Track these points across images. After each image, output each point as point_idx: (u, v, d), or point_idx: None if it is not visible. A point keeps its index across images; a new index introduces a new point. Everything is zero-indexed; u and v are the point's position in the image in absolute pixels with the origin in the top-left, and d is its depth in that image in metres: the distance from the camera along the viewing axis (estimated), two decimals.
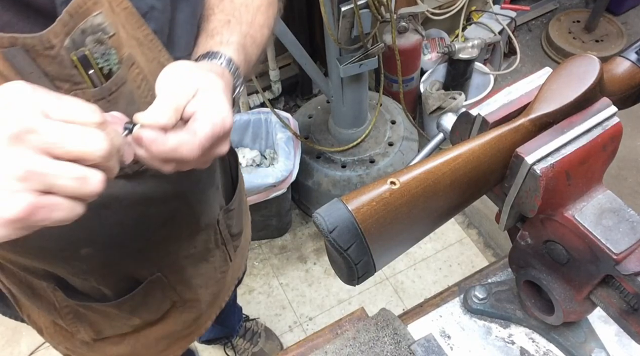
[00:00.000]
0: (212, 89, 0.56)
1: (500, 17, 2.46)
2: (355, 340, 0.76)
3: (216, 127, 0.53)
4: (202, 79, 0.56)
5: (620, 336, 0.76)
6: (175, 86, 0.54)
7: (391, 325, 0.77)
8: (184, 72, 0.56)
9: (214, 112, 0.54)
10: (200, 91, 0.54)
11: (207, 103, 0.54)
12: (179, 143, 0.51)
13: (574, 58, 0.59)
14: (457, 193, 0.52)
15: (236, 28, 0.69)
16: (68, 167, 0.40)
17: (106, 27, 0.55)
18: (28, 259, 0.75)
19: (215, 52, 0.64)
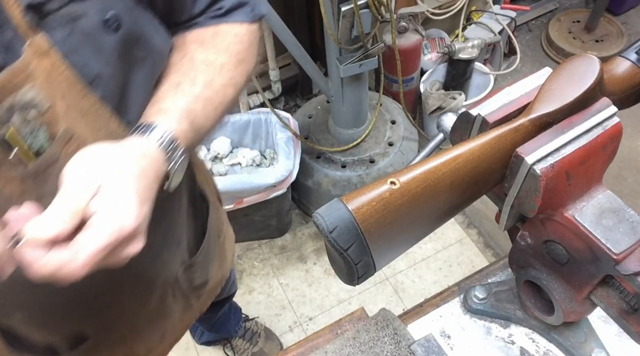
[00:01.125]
0: (118, 183, 0.51)
1: (500, 17, 2.46)
2: (355, 340, 0.76)
3: (111, 236, 0.48)
4: (109, 171, 0.51)
5: (620, 336, 0.76)
6: (77, 182, 0.50)
7: (391, 325, 0.77)
8: (91, 162, 0.52)
9: (112, 217, 0.49)
10: (104, 187, 0.50)
11: (107, 204, 0.49)
12: (60, 265, 0.46)
13: (574, 58, 0.59)
14: (457, 193, 0.52)
15: (186, 91, 0.64)
16: None
17: (39, 102, 0.52)
18: None
19: (147, 125, 0.59)
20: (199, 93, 0.65)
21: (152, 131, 0.58)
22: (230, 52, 0.70)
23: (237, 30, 0.72)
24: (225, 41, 0.70)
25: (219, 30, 0.71)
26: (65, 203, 0.48)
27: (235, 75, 0.70)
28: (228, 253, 1.09)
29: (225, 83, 0.69)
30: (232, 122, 1.93)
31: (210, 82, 0.67)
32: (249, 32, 0.73)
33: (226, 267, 1.09)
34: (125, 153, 0.54)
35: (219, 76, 0.68)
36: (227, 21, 0.71)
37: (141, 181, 0.53)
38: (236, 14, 0.72)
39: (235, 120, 1.93)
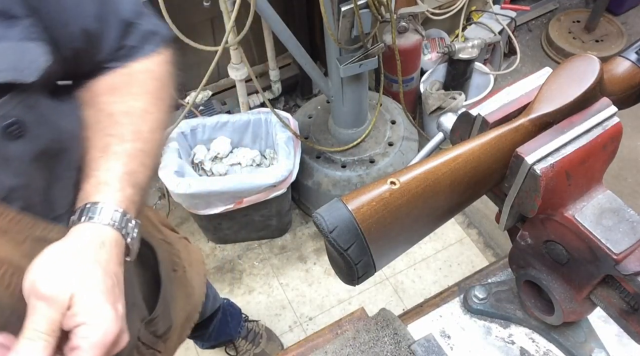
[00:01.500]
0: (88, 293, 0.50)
1: (500, 17, 2.46)
2: (355, 340, 0.76)
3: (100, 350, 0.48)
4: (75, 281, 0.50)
5: (620, 336, 0.76)
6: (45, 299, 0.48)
7: (391, 325, 0.77)
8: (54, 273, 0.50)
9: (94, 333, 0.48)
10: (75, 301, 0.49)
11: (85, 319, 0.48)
12: None
13: (574, 58, 0.59)
14: (457, 193, 0.52)
15: (118, 153, 0.60)
16: None
17: None
18: None
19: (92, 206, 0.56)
20: (131, 150, 0.61)
21: (100, 213, 0.56)
22: (147, 93, 0.66)
23: (148, 66, 0.67)
24: (138, 83, 0.66)
25: (129, 71, 0.66)
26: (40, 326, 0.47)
27: (158, 116, 0.66)
28: (195, 280, 1.04)
29: (151, 128, 0.65)
30: (232, 122, 1.93)
31: (137, 133, 0.63)
32: (161, 62, 0.69)
33: (195, 297, 1.05)
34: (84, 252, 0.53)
35: (143, 124, 0.64)
36: (136, 58, 0.67)
37: (107, 280, 0.52)
38: (144, 48, 0.67)
39: (235, 120, 1.93)
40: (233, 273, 2.08)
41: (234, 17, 1.53)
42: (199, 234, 2.17)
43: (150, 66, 0.67)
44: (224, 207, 1.79)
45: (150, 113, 0.65)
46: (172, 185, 1.66)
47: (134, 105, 0.64)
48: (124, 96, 0.64)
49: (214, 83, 2.32)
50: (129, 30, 0.65)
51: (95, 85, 0.65)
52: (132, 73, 0.66)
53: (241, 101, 2.08)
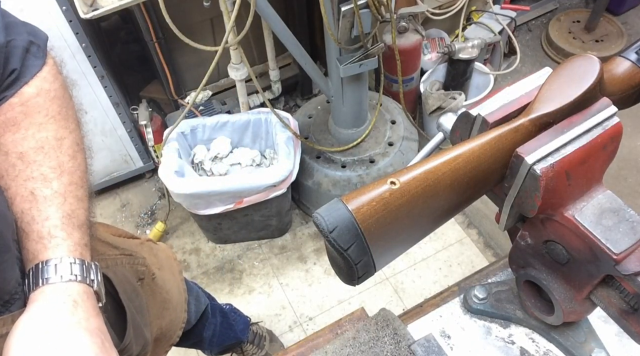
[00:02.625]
0: None
1: (500, 17, 2.46)
2: (355, 340, 0.76)
3: None
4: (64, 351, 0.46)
5: (620, 336, 0.76)
6: None
7: (391, 325, 0.77)
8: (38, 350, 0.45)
9: None
10: None
11: None
12: None
13: (574, 58, 0.59)
14: (457, 193, 0.52)
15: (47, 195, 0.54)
16: None
17: None
18: None
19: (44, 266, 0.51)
20: (59, 188, 0.56)
21: (56, 271, 0.51)
22: (52, 117, 0.59)
23: (41, 86, 0.60)
24: (38, 109, 0.59)
25: (23, 100, 0.58)
26: None
27: (72, 138, 0.60)
28: (170, 282, 0.98)
29: (71, 155, 0.59)
30: (232, 122, 1.93)
31: (59, 166, 0.57)
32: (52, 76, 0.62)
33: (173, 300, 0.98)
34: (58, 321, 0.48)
35: (61, 154, 0.58)
36: (27, 80, 0.59)
37: (96, 340, 0.49)
38: (30, 66, 0.59)
39: (235, 120, 1.93)
40: (233, 273, 2.08)
41: (234, 17, 1.53)
42: (199, 234, 2.17)
43: (44, 85, 0.60)
44: (224, 207, 1.79)
45: (63, 138, 0.59)
46: (172, 185, 1.66)
47: (44, 136, 0.57)
48: (29, 129, 0.57)
49: (214, 83, 2.32)
50: (8, 52, 0.57)
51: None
52: (28, 100, 0.58)
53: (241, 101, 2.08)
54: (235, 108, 2.25)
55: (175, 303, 1.00)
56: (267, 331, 1.83)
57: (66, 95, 0.63)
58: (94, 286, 0.54)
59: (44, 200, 0.54)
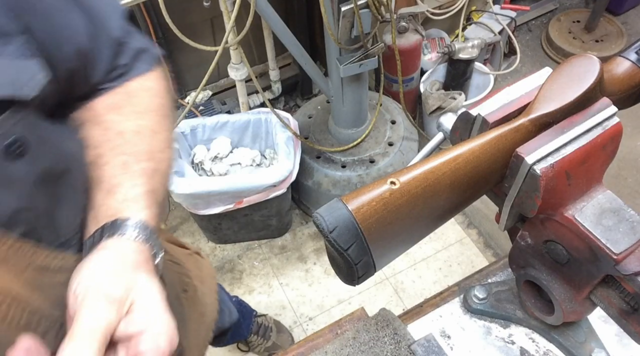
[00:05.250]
0: (147, 297, 0.48)
1: (500, 17, 2.46)
2: (355, 340, 0.76)
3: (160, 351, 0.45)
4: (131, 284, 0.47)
5: (620, 336, 0.76)
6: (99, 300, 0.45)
7: (391, 325, 0.77)
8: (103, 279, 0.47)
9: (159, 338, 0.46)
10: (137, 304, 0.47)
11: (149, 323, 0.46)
12: None
13: (574, 58, 0.59)
14: (457, 193, 0.52)
15: (136, 170, 0.58)
16: None
17: None
18: None
19: (123, 222, 0.53)
20: (147, 169, 0.60)
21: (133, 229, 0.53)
22: (151, 111, 0.64)
23: (147, 84, 0.66)
24: (141, 101, 0.64)
25: (128, 90, 0.64)
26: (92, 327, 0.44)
27: (165, 135, 0.65)
28: (207, 297, 1.00)
29: (161, 148, 0.63)
30: (232, 122, 1.93)
31: (150, 153, 0.61)
32: (157, 79, 0.67)
33: (208, 316, 1.00)
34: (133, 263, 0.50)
35: (154, 143, 0.62)
36: (132, 77, 0.65)
37: (162, 292, 0.51)
38: (138, 67, 0.65)
39: (235, 120, 1.93)
40: (233, 273, 2.08)
41: (234, 17, 1.53)
42: (199, 234, 2.17)
43: (148, 84, 0.66)
44: (224, 207, 1.79)
45: (157, 132, 0.63)
46: (172, 185, 1.66)
47: (142, 124, 0.62)
48: (129, 115, 0.63)
49: (214, 83, 2.32)
50: (121, 49, 0.63)
51: (96, 105, 0.63)
52: (131, 91, 0.64)
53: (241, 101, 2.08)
54: (235, 109, 2.25)
55: (208, 321, 1.01)
56: (274, 322, 1.84)
57: (167, 98, 0.67)
58: (155, 260, 0.56)
59: (134, 172, 0.58)
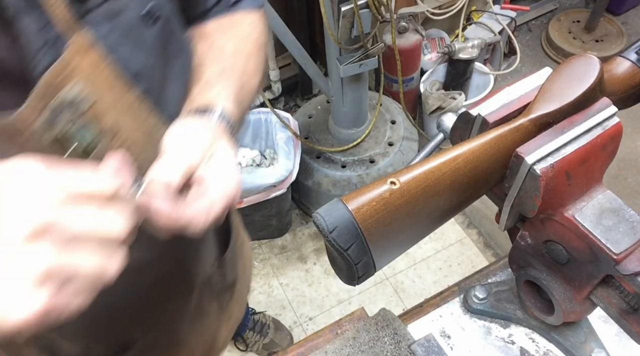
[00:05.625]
0: (225, 155, 0.54)
1: (500, 17, 2.46)
2: (355, 340, 0.76)
3: (229, 199, 0.52)
4: (214, 143, 0.54)
5: (620, 336, 0.76)
6: (186, 146, 0.52)
7: (391, 325, 0.77)
8: (195, 132, 0.54)
9: (228, 183, 0.52)
10: (215, 156, 0.53)
11: (221, 172, 0.52)
12: (195, 215, 0.49)
13: (574, 58, 0.59)
14: (457, 193, 0.52)
15: (230, 79, 0.66)
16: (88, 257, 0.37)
17: (84, 98, 0.51)
18: None
19: (212, 108, 0.60)
20: (239, 81, 0.67)
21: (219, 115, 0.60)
22: (251, 39, 0.72)
23: (250, 18, 0.74)
24: (244, 29, 0.72)
25: (235, 19, 0.73)
26: (179, 160, 0.50)
27: (259, 62, 0.72)
28: (247, 259, 1.08)
29: (252, 72, 0.70)
30: None
31: (244, 71, 0.68)
32: (259, 19, 0.75)
33: (248, 273, 1.08)
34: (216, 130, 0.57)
35: (248, 65, 0.70)
36: (239, 10, 0.73)
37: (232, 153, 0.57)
38: (243, 4, 0.74)
39: None
40: None
41: None
42: None
43: (251, 19, 0.74)
44: None
45: (251, 58, 0.70)
46: None
47: (240, 48, 0.70)
48: (231, 37, 0.70)
49: None
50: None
51: (206, 25, 0.72)
52: (237, 20, 0.73)
53: None
54: None
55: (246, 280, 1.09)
56: (272, 320, 1.84)
57: (264, 37, 0.75)
58: None
59: (227, 80, 0.65)
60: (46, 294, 0.35)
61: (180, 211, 0.48)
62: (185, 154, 0.51)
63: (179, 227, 0.48)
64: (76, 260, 0.37)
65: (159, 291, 0.77)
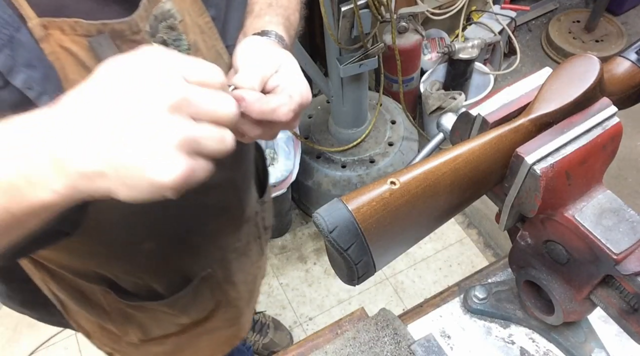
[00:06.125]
0: (292, 65, 0.58)
1: (500, 17, 2.46)
2: (355, 340, 0.76)
3: (303, 98, 0.56)
4: (282, 55, 0.58)
5: (620, 336, 0.76)
6: (258, 58, 0.56)
7: (391, 325, 0.77)
8: (264, 47, 0.59)
9: (301, 85, 0.56)
10: (283, 67, 0.57)
11: (291, 79, 0.56)
12: (279, 105, 0.53)
13: (574, 58, 0.59)
14: (457, 193, 0.52)
15: (278, 11, 0.70)
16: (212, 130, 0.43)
17: (175, 13, 0.58)
18: (86, 262, 0.76)
19: (267, 31, 0.64)
20: (286, 14, 0.71)
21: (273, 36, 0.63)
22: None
23: None
24: None
25: None
26: (254, 70, 0.54)
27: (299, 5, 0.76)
28: None
29: (296, 8, 0.75)
30: None
31: (287, 7, 0.72)
32: None
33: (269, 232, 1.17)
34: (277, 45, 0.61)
35: (291, 4, 0.74)
36: None
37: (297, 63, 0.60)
38: None
39: None
40: None
41: None
42: None
43: None
44: None
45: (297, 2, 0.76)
46: None
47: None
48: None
49: None
50: None
51: None
52: None
53: None
54: None
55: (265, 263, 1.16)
56: (272, 319, 1.85)
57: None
58: None
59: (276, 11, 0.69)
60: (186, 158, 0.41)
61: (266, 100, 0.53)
62: (258, 66, 0.55)
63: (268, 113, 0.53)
64: (202, 134, 0.42)
65: (218, 222, 0.82)
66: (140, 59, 0.42)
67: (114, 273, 0.80)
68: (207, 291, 0.91)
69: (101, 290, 0.82)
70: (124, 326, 0.90)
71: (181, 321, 0.93)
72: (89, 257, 0.75)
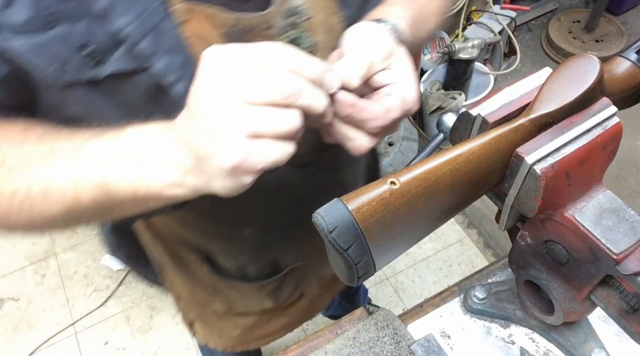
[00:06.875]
0: (404, 63, 0.54)
1: (500, 17, 2.46)
2: (355, 340, 0.76)
3: (408, 107, 0.52)
4: (395, 49, 0.54)
5: (620, 336, 0.76)
6: (366, 46, 0.52)
7: (391, 325, 0.77)
8: (375, 35, 0.53)
9: (409, 91, 0.52)
10: (394, 63, 0.53)
11: (401, 80, 0.52)
12: (371, 117, 0.51)
13: (574, 58, 0.59)
14: (457, 193, 0.52)
15: (410, 6, 0.65)
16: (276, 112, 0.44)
17: (303, 10, 0.57)
18: (191, 234, 0.80)
19: (385, 19, 0.59)
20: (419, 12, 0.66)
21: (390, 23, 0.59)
22: None
23: None
24: None
25: None
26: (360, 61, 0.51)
27: (441, 5, 0.72)
28: None
29: (434, 11, 0.70)
30: None
31: (425, 5, 0.68)
32: None
33: None
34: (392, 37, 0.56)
35: (431, 2, 0.69)
36: None
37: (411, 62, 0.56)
38: None
39: None
40: None
41: None
42: None
43: None
44: None
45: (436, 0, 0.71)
46: None
47: None
48: None
49: None
50: None
51: None
52: None
53: None
54: None
55: None
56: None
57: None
58: None
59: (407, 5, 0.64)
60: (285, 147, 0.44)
61: (360, 105, 0.50)
62: (366, 53, 0.51)
63: (358, 119, 0.51)
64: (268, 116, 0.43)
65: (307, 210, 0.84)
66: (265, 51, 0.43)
67: (213, 250, 0.83)
68: (293, 283, 0.94)
69: (198, 261, 0.86)
70: (212, 296, 0.95)
71: (264, 305, 0.97)
72: (194, 231, 0.78)
